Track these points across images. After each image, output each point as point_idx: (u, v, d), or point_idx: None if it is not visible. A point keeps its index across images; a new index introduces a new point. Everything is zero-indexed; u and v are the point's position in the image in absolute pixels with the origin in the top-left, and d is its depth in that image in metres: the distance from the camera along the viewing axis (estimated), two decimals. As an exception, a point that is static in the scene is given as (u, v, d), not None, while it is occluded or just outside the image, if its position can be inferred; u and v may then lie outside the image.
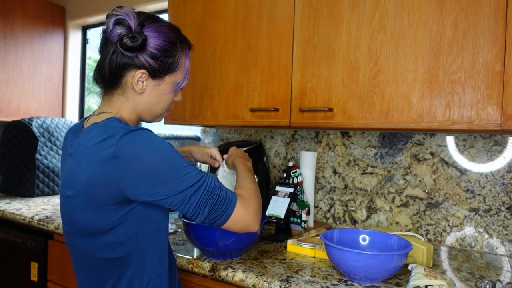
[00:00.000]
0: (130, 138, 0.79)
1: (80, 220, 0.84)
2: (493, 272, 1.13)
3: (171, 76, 0.92)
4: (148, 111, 0.94)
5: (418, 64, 1.12)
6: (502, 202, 1.31)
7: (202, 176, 0.84)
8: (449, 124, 1.07)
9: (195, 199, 0.81)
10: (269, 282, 0.99)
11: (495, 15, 1.01)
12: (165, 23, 0.91)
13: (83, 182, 0.80)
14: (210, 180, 0.85)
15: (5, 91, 2.38)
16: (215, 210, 0.84)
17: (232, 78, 1.49)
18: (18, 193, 2.07)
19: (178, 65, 0.92)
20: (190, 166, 0.83)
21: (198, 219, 0.83)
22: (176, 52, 0.91)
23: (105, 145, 0.78)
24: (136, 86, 0.88)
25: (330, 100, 1.26)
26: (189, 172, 0.82)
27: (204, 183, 0.83)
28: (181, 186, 0.80)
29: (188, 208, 0.82)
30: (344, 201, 1.62)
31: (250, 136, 1.88)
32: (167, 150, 0.81)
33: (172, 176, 0.80)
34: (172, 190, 0.80)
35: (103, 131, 0.81)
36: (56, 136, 2.15)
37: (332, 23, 1.27)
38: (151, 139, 0.81)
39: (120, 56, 0.86)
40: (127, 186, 0.78)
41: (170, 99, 0.95)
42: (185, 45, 0.94)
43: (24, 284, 1.68)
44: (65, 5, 2.71)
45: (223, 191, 0.86)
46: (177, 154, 0.83)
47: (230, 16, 1.50)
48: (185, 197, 0.81)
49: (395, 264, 0.94)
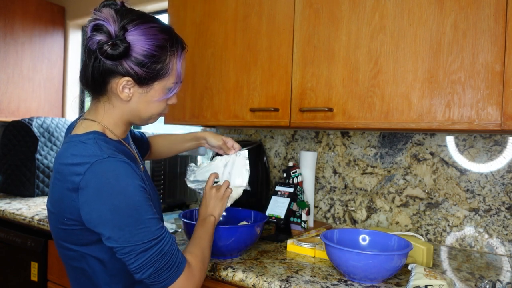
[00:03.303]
0: (97, 170, 0.74)
1: (57, 232, 0.84)
2: (493, 272, 1.13)
3: (161, 82, 0.84)
4: (136, 116, 0.88)
5: (418, 64, 1.12)
6: (502, 202, 1.31)
7: (160, 234, 0.78)
8: (449, 124, 1.07)
9: (143, 257, 0.76)
10: (269, 282, 0.99)
11: (495, 15, 1.01)
12: (154, 23, 0.82)
13: (55, 200, 0.81)
14: (166, 241, 0.79)
15: (5, 91, 2.38)
16: (158, 275, 0.77)
17: (232, 78, 1.50)
18: (18, 193, 2.07)
19: (169, 70, 0.84)
20: (153, 219, 0.78)
21: (137, 276, 0.77)
22: (165, 57, 0.83)
23: (74, 171, 0.76)
24: (122, 94, 0.82)
25: (330, 100, 1.26)
26: (148, 226, 0.76)
27: (159, 244, 0.77)
28: (134, 239, 0.75)
29: (132, 263, 0.76)
30: (344, 201, 1.62)
31: (250, 136, 1.88)
32: (133, 193, 0.75)
33: (129, 226, 0.75)
34: (125, 240, 0.74)
35: (78, 152, 0.78)
36: (56, 136, 2.15)
37: (332, 23, 1.27)
38: (119, 176, 0.75)
39: (102, 63, 0.79)
40: (85, 217, 0.76)
41: (161, 105, 0.88)
42: (176, 47, 0.85)
43: (24, 284, 1.68)
44: (65, 5, 2.71)
45: (174, 257, 0.79)
46: (143, 201, 0.77)
47: (230, 16, 1.50)
48: (133, 251, 0.75)
49: (395, 264, 0.94)
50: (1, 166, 2.13)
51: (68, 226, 0.81)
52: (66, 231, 0.82)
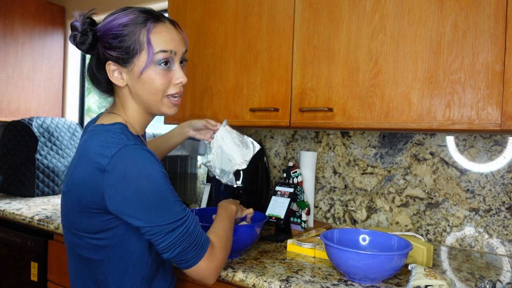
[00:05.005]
0: (124, 155, 0.78)
1: (70, 217, 0.86)
2: (493, 272, 1.13)
3: (140, 57, 0.85)
4: (142, 102, 0.90)
5: (418, 64, 1.12)
6: (502, 202, 1.31)
7: (185, 215, 0.82)
8: (449, 124, 1.07)
9: (170, 237, 0.79)
10: (269, 282, 0.99)
11: (495, 15, 1.01)
12: (118, 11, 0.88)
13: (76, 182, 0.82)
14: (191, 221, 0.83)
15: (5, 91, 2.38)
16: (185, 253, 0.81)
17: (232, 78, 1.49)
18: (18, 193, 2.07)
19: (141, 44, 0.85)
20: (177, 201, 0.82)
21: (165, 256, 0.82)
22: (132, 33, 0.84)
23: (101, 156, 0.78)
24: (114, 78, 0.87)
25: (330, 100, 1.26)
26: (173, 207, 0.80)
27: (184, 224, 0.81)
28: (161, 220, 0.78)
29: (160, 243, 0.80)
30: (344, 201, 1.62)
31: (250, 136, 1.88)
32: (158, 178, 0.79)
33: (156, 208, 0.78)
34: (152, 221, 0.78)
35: (105, 139, 0.81)
36: (56, 136, 2.15)
37: (332, 23, 1.27)
38: (145, 162, 0.79)
39: (94, 59, 0.89)
40: (109, 200, 0.79)
41: (156, 80, 0.87)
42: (144, 21, 0.86)
43: (24, 284, 1.68)
44: (65, 5, 2.71)
45: (199, 236, 0.84)
46: (167, 185, 0.81)
47: (230, 16, 1.50)
48: (161, 232, 0.79)
49: (395, 264, 0.94)
50: (1, 166, 2.13)
51: (84, 210, 0.82)
52: (81, 215, 0.83)
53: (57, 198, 2.07)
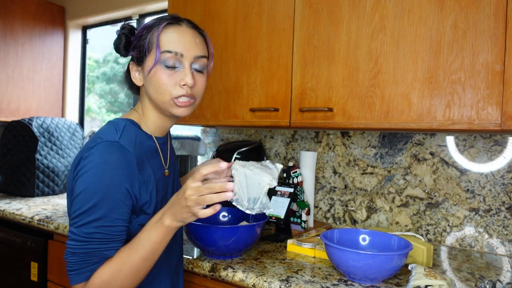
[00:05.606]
0: (96, 150, 0.79)
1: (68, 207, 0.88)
2: (493, 272, 1.13)
3: (150, 56, 0.89)
4: (154, 101, 0.90)
5: (418, 64, 1.12)
6: (502, 202, 1.31)
7: (91, 233, 0.76)
8: (449, 124, 1.07)
9: (69, 242, 0.78)
10: (269, 282, 0.99)
11: (495, 15, 1.01)
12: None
13: (72, 170, 0.86)
14: (87, 244, 0.76)
15: (5, 91, 2.38)
16: (68, 265, 0.78)
17: (232, 78, 1.49)
18: (18, 193, 2.07)
19: (152, 43, 0.88)
20: (97, 217, 0.76)
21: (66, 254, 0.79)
22: (149, 33, 0.89)
23: (86, 147, 0.82)
24: (134, 78, 0.93)
25: (330, 100, 1.26)
26: (86, 217, 0.76)
27: (85, 242, 0.76)
28: (71, 218, 0.78)
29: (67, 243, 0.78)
30: (344, 201, 1.62)
31: (250, 136, 1.88)
32: (100, 182, 0.77)
33: (77, 204, 0.78)
34: (70, 215, 0.80)
35: (99, 131, 0.86)
36: (56, 136, 2.15)
37: (332, 23, 1.27)
38: (106, 164, 0.78)
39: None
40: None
41: (160, 80, 0.87)
42: (159, 22, 0.90)
43: (24, 284, 1.68)
44: (65, 5, 2.71)
45: (72, 265, 0.77)
46: (103, 196, 0.77)
47: (230, 16, 1.50)
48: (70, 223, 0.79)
49: (395, 264, 0.94)
50: (1, 166, 2.13)
51: (70, 198, 0.85)
52: (69, 202, 0.86)
53: (57, 198, 2.07)
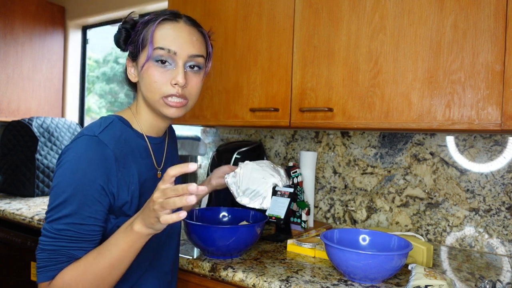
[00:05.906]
0: (76, 144, 0.79)
1: None
2: (493, 272, 1.13)
3: (143, 52, 0.86)
4: (145, 99, 0.88)
5: (418, 64, 1.12)
6: (502, 202, 1.31)
7: (61, 229, 0.75)
8: (449, 124, 1.07)
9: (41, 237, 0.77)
10: (269, 282, 0.99)
11: (495, 15, 1.01)
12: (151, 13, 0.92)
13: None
14: (57, 241, 0.76)
15: (5, 91, 2.38)
16: (38, 262, 0.76)
17: (232, 78, 1.49)
18: (18, 193, 2.07)
19: (147, 39, 0.86)
20: (69, 211, 0.75)
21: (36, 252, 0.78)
22: (144, 29, 0.86)
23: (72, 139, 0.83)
24: (129, 75, 0.91)
25: (330, 100, 1.26)
26: (60, 211, 0.75)
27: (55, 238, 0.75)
28: (48, 210, 0.77)
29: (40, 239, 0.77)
30: (344, 201, 1.62)
31: (250, 136, 1.88)
32: (72, 176, 0.75)
33: (52, 197, 0.77)
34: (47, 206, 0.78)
35: (82, 129, 0.85)
36: (56, 136, 2.15)
37: (332, 23, 1.27)
38: (80, 159, 0.76)
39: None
40: None
41: (151, 77, 0.84)
42: (155, 18, 0.87)
43: (24, 284, 1.68)
44: (65, 5, 2.71)
45: (41, 261, 0.77)
46: (76, 190, 0.75)
47: (230, 16, 1.50)
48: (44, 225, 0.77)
49: (395, 264, 0.94)
50: (1, 166, 2.13)
51: None
52: None
53: (57, 198, 2.07)
